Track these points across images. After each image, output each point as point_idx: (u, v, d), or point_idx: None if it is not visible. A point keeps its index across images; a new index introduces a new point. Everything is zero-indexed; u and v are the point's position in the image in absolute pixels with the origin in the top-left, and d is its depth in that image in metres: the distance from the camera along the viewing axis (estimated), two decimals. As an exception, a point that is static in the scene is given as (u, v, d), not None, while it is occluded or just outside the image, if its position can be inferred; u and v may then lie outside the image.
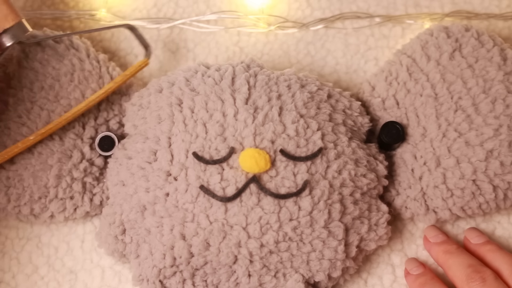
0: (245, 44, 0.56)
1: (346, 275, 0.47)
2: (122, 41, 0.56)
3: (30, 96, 0.49)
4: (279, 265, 0.45)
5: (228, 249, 0.44)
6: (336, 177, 0.45)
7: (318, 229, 0.44)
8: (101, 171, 0.50)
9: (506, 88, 0.47)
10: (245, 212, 0.44)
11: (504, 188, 0.46)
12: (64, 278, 0.49)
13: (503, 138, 0.46)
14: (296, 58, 0.55)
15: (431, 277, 0.46)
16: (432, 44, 0.49)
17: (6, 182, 0.48)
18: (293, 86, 0.47)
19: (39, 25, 0.56)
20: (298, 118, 0.46)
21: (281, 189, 0.44)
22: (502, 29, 0.55)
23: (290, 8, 0.57)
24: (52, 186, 0.48)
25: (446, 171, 0.47)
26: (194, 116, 0.46)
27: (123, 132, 0.50)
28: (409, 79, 0.49)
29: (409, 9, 0.56)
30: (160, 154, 0.46)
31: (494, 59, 0.48)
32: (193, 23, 0.56)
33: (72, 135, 0.49)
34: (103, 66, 0.51)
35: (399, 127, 0.49)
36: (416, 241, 0.50)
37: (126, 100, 0.51)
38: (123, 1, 0.57)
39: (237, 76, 0.47)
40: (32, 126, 0.48)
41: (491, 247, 0.46)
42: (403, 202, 0.48)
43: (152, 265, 0.45)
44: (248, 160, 0.44)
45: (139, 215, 0.46)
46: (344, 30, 0.56)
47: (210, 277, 0.45)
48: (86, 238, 0.50)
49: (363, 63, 0.55)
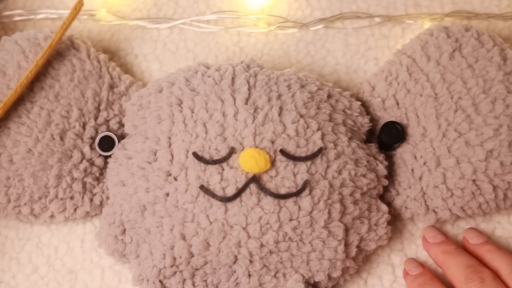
0: (245, 44, 0.56)
1: (346, 275, 0.47)
2: (122, 41, 0.56)
3: (30, 96, 0.49)
4: (279, 265, 0.45)
5: (228, 249, 0.44)
6: (336, 177, 0.45)
7: (318, 229, 0.44)
8: (101, 171, 0.50)
9: (506, 88, 0.47)
10: (245, 212, 0.44)
11: (504, 188, 0.46)
12: (64, 278, 0.49)
13: (503, 138, 0.46)
14: (296, 58, 0.55)
15: (430, 278, 0.46)
16: (432, 44, 0.49)
17: (6, 182, 0.48)
18: (293, 86, 0.47)
19: (38, 25, 0.56)
20: (298, 118, 0.46)
21: (281, 189, 0.44)
22: (502, 29, 0.55)
23: (290, 8, 0.57)
24: (52, 186, 0.48)
25: (446, 171, 0.47)
26: (194, 116, 0.46)
27: (123, 132, 0.50)
28: (409, 79, 0.49)
29: (409, 9, 0.56)
30: (160, 154, 0.46)
31: (494, 59, 0.48)
32: (193, 23, 0.56)
33: (72, 135, 0.49)
34: (103, 66, 0.51)
35: (399, 127, 0.49)
36: (416, 241, 0.50)
37: (126, 100, 0.51)
38: (123, 1, 0.57)
39: (237, 76, 0.47)
40: (32, 125, 0.48)
41: (490, 247, 0.46)
42: (403, 202, 0.48)
43: (152, 265, 0.45)
44: (248, 160, 0.44)
45: (139, 215, 0.46)
46: (344, 30, 0.56)
47: (210, 277, 0.45)
48: (86, 238, 0.50)
49: (363, 63, 0.55)
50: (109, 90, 0.51)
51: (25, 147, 0.48)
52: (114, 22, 0.56)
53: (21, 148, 0.48)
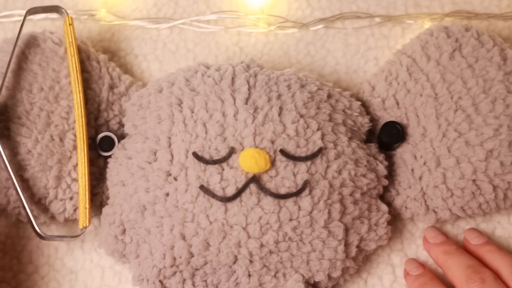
0: (245, 44, 0.56)
1: (346, 275, 0.47)
2: (122, 41, 0.56)
3: (30, 97, 0.49)
4: (279, 265, 0.45)
5: (228, 249, 0.44)
6: (336, 177, 0.45)
7: (318, 229, 0.44)
8: (101, 171, 0.50)
9: (506, 88, 0.47)
10: (245, 212, 0.44)
11: (504, 188, 0.46)
12: (64, 278, 0.49)
13: (503, 138, 0.46)
14: (296, 58, 0.55)
15: (431, 278, 0.46)
16: (432, 44, 0.49)
17: (5, 183, 0.48)
18: (293, 86, 0.47)
19: (38, 25, 0.56)
20: (298, 118, 0.46)
21: (281, 189, 0.44)
22: (502, 29, 0.55)
23: (290, 8, 0.57)
24: (51, 187, 0.48)
25: (446, 171, 0.47)
26: (194, 116, 0.46)
27: (123, 132, 0.50)
28: (409, 79, 0.49)
29: (409, 9, 0.56)
30: (160, 154, 0.46)
31: (494, 59, 0.48)
32: (193, 23, 0.56)
33: (72, 136, 0.49)
34: (103, 66, 0.51)
35: (399, 127, 0.49)
36: (416, 241, 0.50)
37: (126, 100, 0.51)
38: (123, 1, 0.57)
39: (237, 76, 0.47)
40: (31, 126, 0.48)
41: (491, 248, 0.46)
42: (403, 202, 0.48)
43: (152, 265, 0.45)
44: (248, 160, 0.44)
45: (139, 215, 0.46)
46: (344, 30, 0.56)
47: (210, 277, 0.45)
48: (86, 238, 0.50)
49: (363, 63, 0.55)
50: (109, 90, 0.51)
51: (24, 148, 0.48)
52: (114, 22, 0.56)
53: (21, 149, 0.48)
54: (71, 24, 0.50)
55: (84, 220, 0.47)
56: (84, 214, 0.47)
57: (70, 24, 0.50)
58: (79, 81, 0.49)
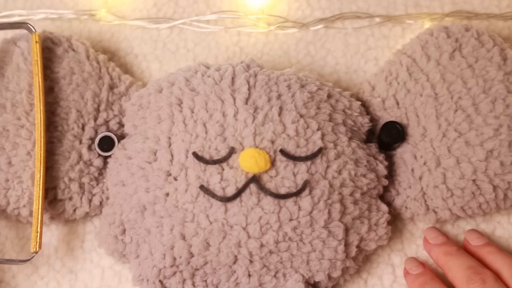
0: (245, 44, 0.56)
1: (346, 275, 0.47)
2: (122, 41, 0.56)
3: (29, 98, 0.49)
4: (279, 265, 0.45)
5: (228, 249, 0.44)
6: (336, 177, 0.45)
7: (318, 229, 0.44)
8: (100, 171, 0.49)
9: (506, 88, 0.47)
10: (245, 212, 0.44)
11: (504, 188, 0.46)
12: (64, 278, 0.49)
13: (503, 138, 0.46)
14: (296, 58, 0.55)
15: (431, 277, 0.46)
16: (432, 44, 0.49)
17: (5, 184, 0.48)
18: (293, 86, 0.47)
19: (38, 25, 0.56)
20: (298, 118, 0.46)
21: (281, 189, 0.44)
22: (502, 29, 0.55)
23: (290, 8, 0.57)
24: (50, 187, 0.48)
25: (446, 171, 0.46)
26: (194, 116, 0.46)
27: (123, 132, 0.50)
28: (409, 79, 0.49)
29: (409, 9, 0.56)
30: (160, 154, 0.46)
31: (494, 59, 0.48)
32: (193, 23, 0.56)
33: (71, 137, 0.49)
34: (103, 67, 0.51)
35: (399, 127, 0.49)
36: (416, 241, 0.50)
37: (126, 100, 0.51)
38: (123, 1, 0.57)
39: (237, 76, 0.47)
40: (31, 128, 0.48)
41: (491, 249, 0.46)
42: (403, 202, 0.48)
43: (152, 265, 0.45)
44: (248, 160, 0.44)
45: (139, 215, 0.46)
46: (344, 30, 0.56)
47: (210, 277, 0.45)
48: (86, 238, 0.50)
49: (363, 63, 0.55)
50: (109, 90, 0.51)
51: (24, 150, 0.48)
52: (114, 22, 0.56)
53: (20, 151, 0.48)
54: (37, 42, 0.49)
55: (35, 244, 0.45)
56: (35, 238, 0.45)
57: (37, 41, 0.49)
58: (41, 101, 0.48)
